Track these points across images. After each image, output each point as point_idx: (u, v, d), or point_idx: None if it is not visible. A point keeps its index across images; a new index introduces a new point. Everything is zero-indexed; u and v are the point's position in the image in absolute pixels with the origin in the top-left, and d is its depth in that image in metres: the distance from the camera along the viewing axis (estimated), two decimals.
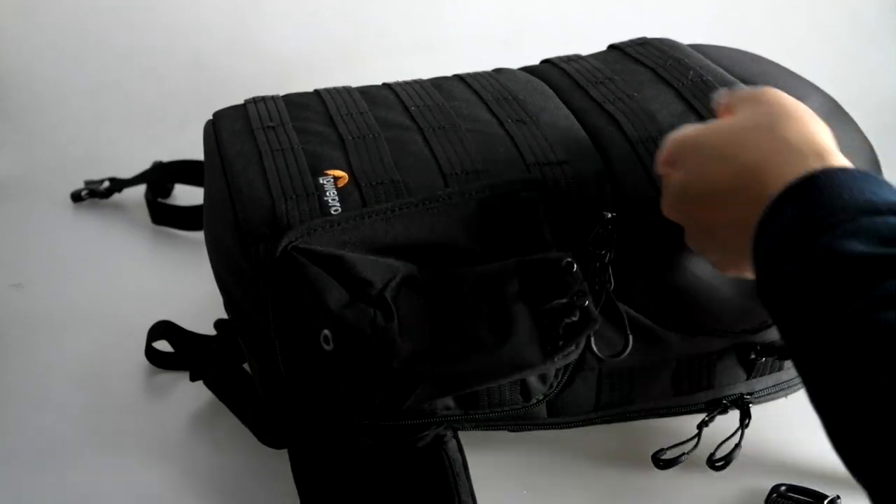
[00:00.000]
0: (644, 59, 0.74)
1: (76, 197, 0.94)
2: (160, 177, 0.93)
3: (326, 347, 0.54)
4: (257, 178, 0.62)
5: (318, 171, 0.62)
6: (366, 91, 0.73)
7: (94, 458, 0.67)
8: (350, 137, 0.65)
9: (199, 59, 1.11)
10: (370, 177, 0.61)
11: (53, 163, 0.99)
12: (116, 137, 1.03)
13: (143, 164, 0.94)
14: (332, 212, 0.59)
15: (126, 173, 0.94)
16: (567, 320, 0.53)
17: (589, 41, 0.80)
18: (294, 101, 0.71)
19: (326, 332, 0.54)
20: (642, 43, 0.77)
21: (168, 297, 0.79)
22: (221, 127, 0.69)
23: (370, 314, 0.53)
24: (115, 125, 1.04)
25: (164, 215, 0.91)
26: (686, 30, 0.82)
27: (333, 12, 1.17)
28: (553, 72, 0.75)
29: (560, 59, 0.77)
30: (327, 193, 0.60)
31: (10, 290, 0.83)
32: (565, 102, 0.70)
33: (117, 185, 0.93)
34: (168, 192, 0.94)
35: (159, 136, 1.01)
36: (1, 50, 1.10)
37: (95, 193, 0.93)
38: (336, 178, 0.61)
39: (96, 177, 0.95)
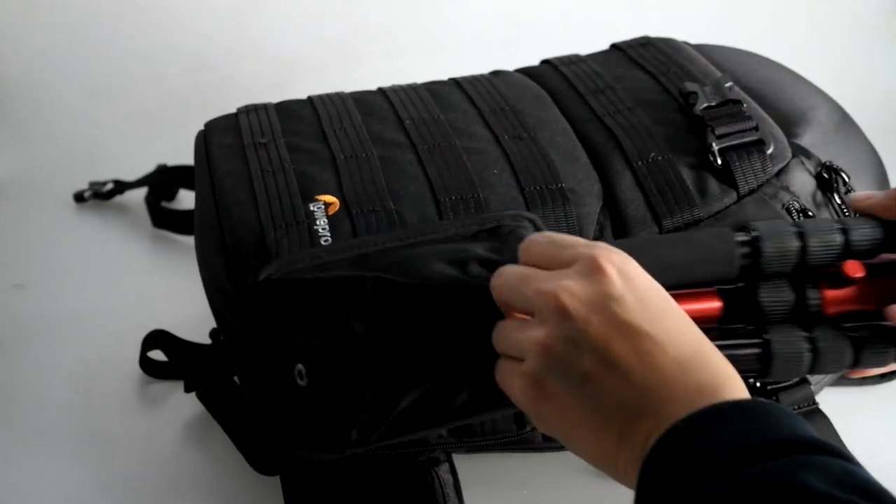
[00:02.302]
0: (646, 63, 0.72)
1: (79, 198, 0.94)
2: (163, 180, 0.93)
3: (300, 383, 0.53)
4: (246, 202, 0.61)
5: (309, 196, 0.61)
6: (360, 99, 0.71)
7: (84, 462, 0.67)
8: (342, 156, 0.64)
9: (199, 61, 1.10)
10: (362, 203, 0.60)
11: (54, 164, 0.99)
12: (117, 138, 1.02)
13: (143, 165, 0.94)
14: (322, 242, 0.58)
15: (126, 174, 0.94)
16: None
17: (590, 42, 0.79)
18: (286, 111, 0.70)
19: (300, 366, 0.53)
20: (644, 44, 0.75)
21: (167, 302, 0.79)
22: (212, 140, 0.67)
23: (341, 349, 0.52)
24: (116, 126, 1.04)
25: (166, 219, 0.90)
26: (686, 31, 0.82)
27: (333, 13, 1.16)
28: (552, 75, 0.73)
29: (560, 60, 0.76)
30: (317, 222, 0.59)
31: (11, 290, 0.83)
32: (563, 111, 0.69)
33: (120, 186, 0.93)
34: (172, 196, 0.94)
35: (159, 137, 1.00)
36: (1, 51, 1.10)
37: (99, 195, 0.93)
38: (327, 205, 0.60)
39: (97, 178, 0.95)
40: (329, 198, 0.61)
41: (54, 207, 0.94)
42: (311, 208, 0.60)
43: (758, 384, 0.63)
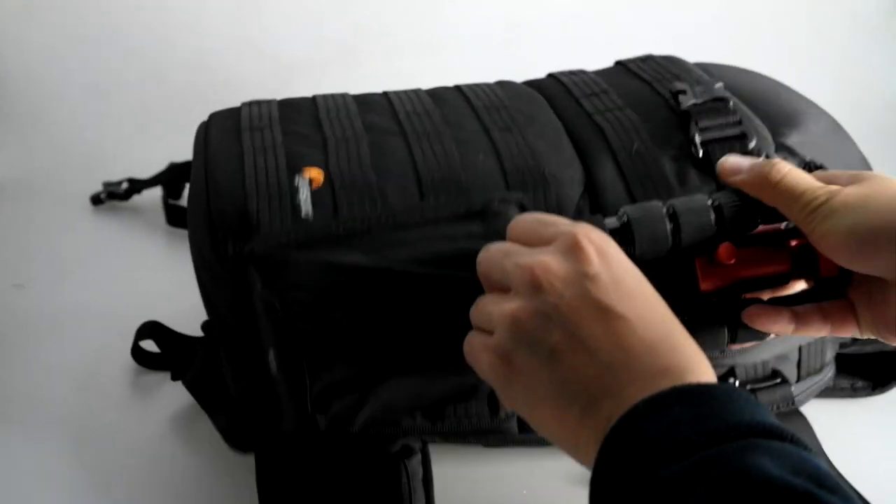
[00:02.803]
0: (643, 73, 0.74)
1: (96, 200, 0.94)
2: (174, 176, 0.92)
3: (272, 368, 0.54)
4: (234, 174, 0.62)
5: (296, 171, 0.61)
6: (362, 98, 0.72)
7: (77, 455, 0.68)
8: (333, 139, 0.65)
9: (200, 60, 1.11)
10: (345, 179, 0.61)
11: (55, 163, 0.99)
12: (117, 138, 1.03)
13: (143, 165, 0.94)
14: (304, 215, 0.58)
15: (126, 173, 0.94)
16: None
17: (590, 42, 0.80)
18: (288, 104, 0.71)
19: (272, 352, 0.54)
20: (646, 59, 0.77)
21: (168, 299, 0.79)
22: (212, 125, 0.69)
23: (312, 337, 0.52)
24: (117, 125, 1.04)
25: (176, 216, 0.91)
26: (686, 31, 0.82)
27: (334, 13, 1.17)
28: (551, 83, 0.75)
29: (563, 73, 0.77)
30: (300, 194, 0.60)
31: (12, 290, 0.84)
32: (557, 112, 0.70)
33: (136, 185, 0.93)
34: (179, 194, 0.94)
35: (160, 136, 1.01)
36: (2, 50, 1.10)
37: (115, 195, 0.93)
38: (312, 180, 0.61)
39: (96, 177, 0.95)
40: (314, 171, 0.61)
41: (55, 207, 0.94)
42: (296, 182, 0.61)
43: (737, 383, 0.63)
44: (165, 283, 0.83)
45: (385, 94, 0.73)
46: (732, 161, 0.57)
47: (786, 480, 0.35)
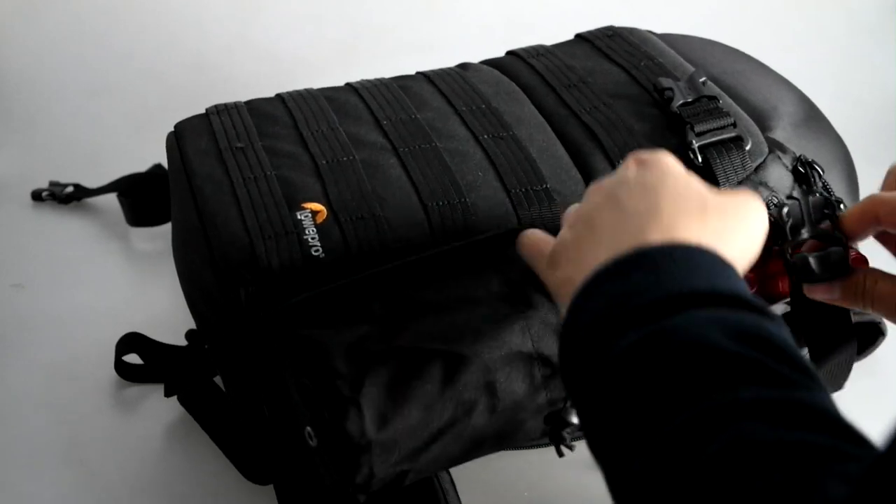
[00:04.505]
0: (615, 56, 0.72)
1: (37, 196, 0.92)
2: (129, 185, 0.91)
3: (311, 443, 0.53)
4: (231, 211, 0.60)
5: (295, 204, 0.60)
6: (332, 98, 0.71)
7: (66, 473, 0.67)
8: (324, 161, 0.63)
9: (200, 59, 1.11)
10: (350, 210, 0.60)
11: (54, 163, 0.99)
12: (117, 137, 1.03)
13: (143, 164, 0.94)
14: (313, 252, 0.58)
15: (125, 173, 0.94)
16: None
17: None
18: (259, 112, 0.69)
19: (309, 429, 0.53)
20: (611, 35, 0.76)
21: (169, 299, 0.79)
22: (186, 143, 0.67)
23: (345, 415, 0.51)
24: (116, 125, 1.04)
25: (142, 216, 0.89)
26: (685, 30, 0.82)
27: (333, 13, 1.17)
28: (521, 68, 0.73)
29: (527, 52, 0.76)
30: (306, 231, 0.58)
31: (11, 290, 0.83)
32: (538, 107, 0.69)
33: (81, 193, 0.93)
34: (139, 202, 0.92)
35: (160, 136, 1.00)
36: (1, 50, 1.10)
37: (55, 197, 0.93)
38: (314, 213, 0.60)
39: (98, 177, 0.95)
40: (315, 205, 0.60)
41: (55, 206, 0.94)
42: (299, 217, 0.59)
43: None
44: (163, 283, 0.83)
45: (355, 90, 0.71)
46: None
47: (734, 350, 0.37)
